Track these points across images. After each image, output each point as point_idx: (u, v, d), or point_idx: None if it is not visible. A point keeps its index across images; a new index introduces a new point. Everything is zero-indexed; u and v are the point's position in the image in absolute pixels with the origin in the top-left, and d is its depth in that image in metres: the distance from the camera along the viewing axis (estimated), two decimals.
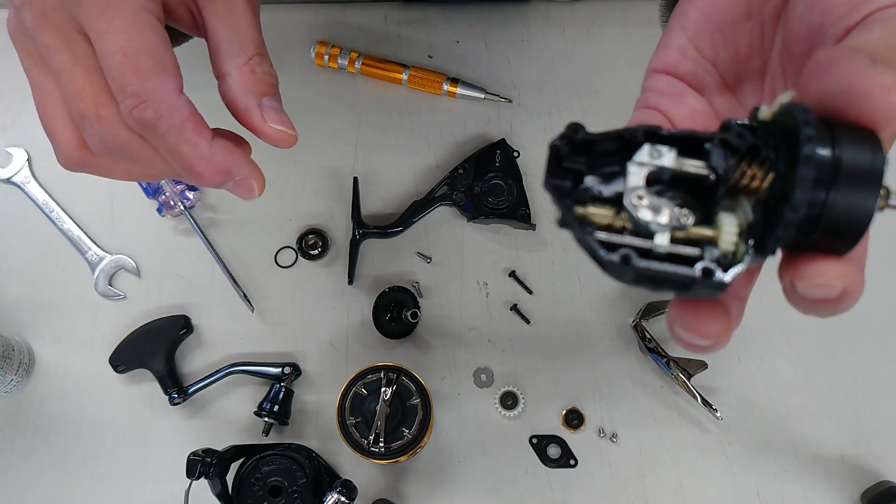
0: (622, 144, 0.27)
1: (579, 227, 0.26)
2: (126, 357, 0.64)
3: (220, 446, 0.59)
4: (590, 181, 0.28)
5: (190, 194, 0.67)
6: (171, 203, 0.67)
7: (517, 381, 0.65)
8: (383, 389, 0.59)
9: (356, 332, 0.67)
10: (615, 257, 0.25)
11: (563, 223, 0.26)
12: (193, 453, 0.57)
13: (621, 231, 0.26)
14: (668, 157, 0.27)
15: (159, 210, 0.67)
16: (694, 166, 0.27)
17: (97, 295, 0.67)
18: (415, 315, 0.65)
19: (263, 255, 0.68)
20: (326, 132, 0.71)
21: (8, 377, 0.62)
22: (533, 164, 0.70)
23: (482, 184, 0.67)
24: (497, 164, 0.68)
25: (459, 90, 0.71)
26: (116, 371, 0.64)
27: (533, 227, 0.67)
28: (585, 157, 0.28)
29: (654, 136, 0.27)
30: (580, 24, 0.75)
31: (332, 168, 0.70)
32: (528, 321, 0.66)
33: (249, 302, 0.66)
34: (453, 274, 0.68)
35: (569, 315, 0.67)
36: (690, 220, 0.26)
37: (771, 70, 0.36)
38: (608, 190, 0.28)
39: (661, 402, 0.64)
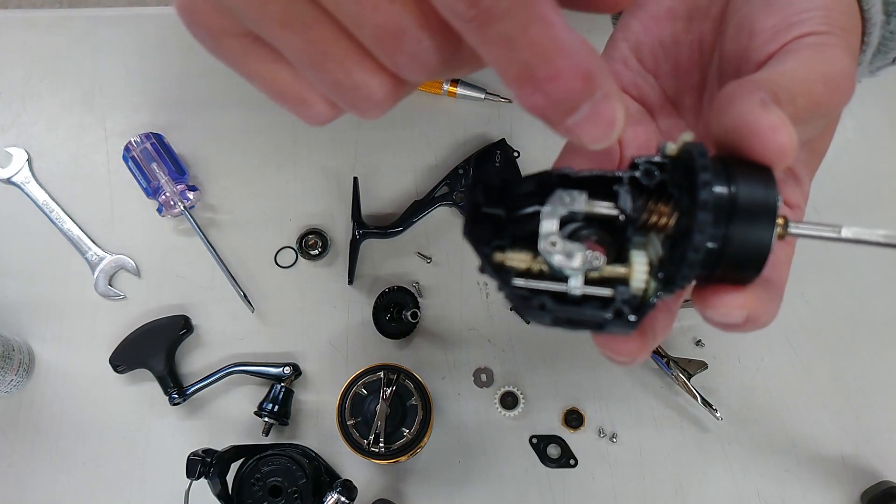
0: (540, 185, 0.28)
1: (498, 276, 0.27)
2: (126, 357, 0.64)
3: (220, 446, 0.59)
4: (510, 226, 0.29)
5: (190, 194, 0.67)
6: (171, 203, 0.67)
7: (517, 381, 0.65)
8: (383, 389, 0.59)
9: (356, 332, 0.67)
10: (534, 304, 0.26)
11: (482, 270, 0.27)
12: (193, 453, 0.57)
13: (539, 274, 0.27)
14: (579, 202, 0.28)
15: (159, 210, 0.67)
16: (605, 208, 0.28)
17: (97, 295, 0.67)
18: (415, 315, 0.65)
19: (263, 255, 0.68)
20: (326, 132, 0.71)
21: (8, 377, 0.62)
22: (533, 165, 0.70)
23: None
24: (497, 165, 0.68)
25: (459, 90, 0.71)
26: (116, 371, 0.64)
27: None
28: (505, 201, 0.28)
29: (567, 178, 0.28)
30: (580, 24, 0.75)
31: (332, 168, 0.70)
32: (528, 321, 0.66)
33: (249, 302, 0.66)
34: (453, 274, 0.68)
35: None
36: (602, 261, 0.27)
37: (709, 84, 0.37)
38: (527, 230, 0.28)
39: (661, 403, 0.64)
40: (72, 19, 0.76)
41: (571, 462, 0.63)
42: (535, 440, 0.63)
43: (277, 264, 0.68)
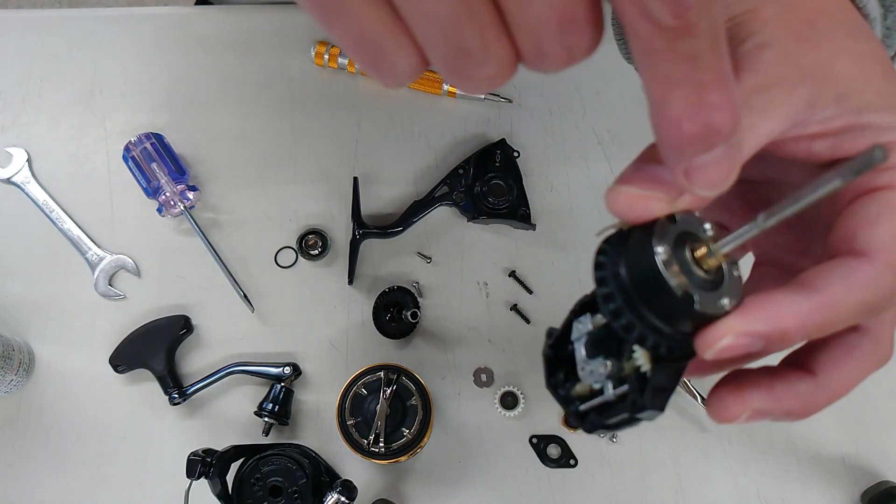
0: (585, 306, 0.31)
1: (579, 419, 0.31)
2: (126, 357, 0.64)
3: (220, 446, 0.59)
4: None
5: (190, 194, 0.67)
6: (171, 203, 0.67)
7: (517, 381, 0.65)
8: (383, 389, 0.59)
9: (356, 332, 0.67)
10: (598, 422, 0.30)
11: (567, 423, 0.33)
12: (193, 453, 0.57)
13: (590, 394, 0.31)
14: (587, 323, 0.30)
15: (159, 210, 0.67)
16: (600, 321, 0.30)
17: (97, 295, 0.67)
18: (415, 315, 0.65)
19: (263, 255, 0.68)
20: (326, 132, 0.71)
21: (8, 377, 0.62)
22: (533, 164, 0.70)
23: (482, 184, 0.67)
24: (497, 164, 0.68)
25: (459, 90, 0.71)
26: (116, 371, 0.64)
27: (533, 227, 0.67)
28: (560, 346, 0.32)
29: (583, 304, 0.31)
30: None
31: (332, 168, 0.70)
32: (528, 321, 0.66)
33: (249, 302, 0.66)
34: (453, 274, 0.68)
35: None
36: (608, 367, 0.29)
37: None
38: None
39: None
40: (72, 19, 0.76)
41: (571, 462, 0.63)
42: (535, 440, 0.63)
43: (277, 264, 0.68)
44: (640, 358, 0.28)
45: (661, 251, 0.25)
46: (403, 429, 0.60)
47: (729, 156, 0.22)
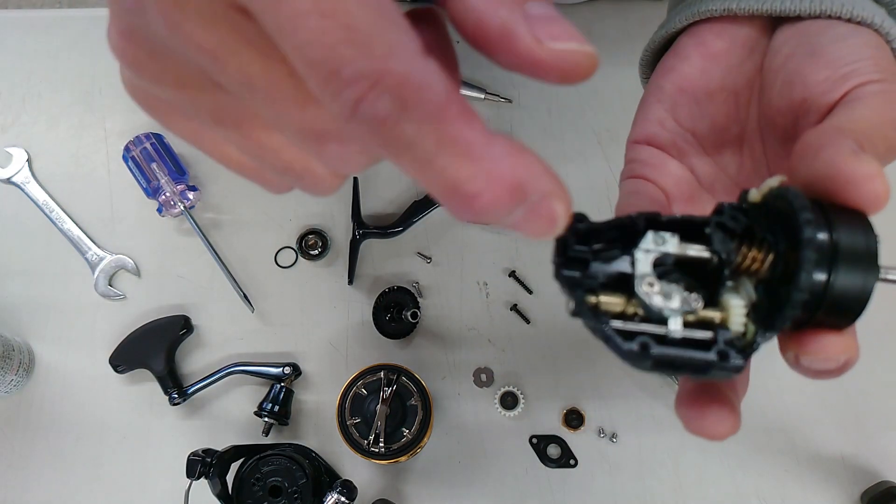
0: (623, 231, 0.28)
1: (594, 318, 0.27)
2: (126, 357, 0.64)
3: (219, 446, 0.59)
4: (595, 267, 0.29)
5: (190, 194, 0.67)
6: (171, 203, 0.67)
7: (517, 381, 0.65)
8: (383, 389, 0.59)
9: (356, 332, 0.67)
10: (634, 346, 0.26)
11: (577, 314, 0.27)
12: (193, 453, 0.57)
13: (633, 317, 0.27)
14: (671, 244, 0.27)
15: (159, 210, 0.67)
16: (697, 250, 0.28)
17: (97, 295, 0.67)
18: (415, 315, 0.65)
19: (263, 255, 0.68)
20: None
21: (8, 377, 0.62)
22: None
23: None
24: None
25: (460, 90, 0.70)
26: (116, 371, 0.64)
27: None
28: (589, 245, 0.28)
29: (655, 222, 0.28)
30: (580, 23, 0.74)
31: None
32: (528, 321, 0.66)
33: (249, 302, 0.66)
34: (453, 274, 0.68)
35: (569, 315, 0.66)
36: (700, 303, 0.27)
37: (748, 137, 0.38)
38: (613, 275, 0.28)
39: (660, 402, 0.64)
40: (72, 19, 0.76)
41: (571, 462, 0.63)
42: (535, 440, 0.63)
43: (277, 264, 0.68)
44: (739, 315, 0.26)
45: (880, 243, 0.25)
46: (403, 429, 0.60)
47: (533, 210, 0.21)
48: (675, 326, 0.26)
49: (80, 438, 0.64)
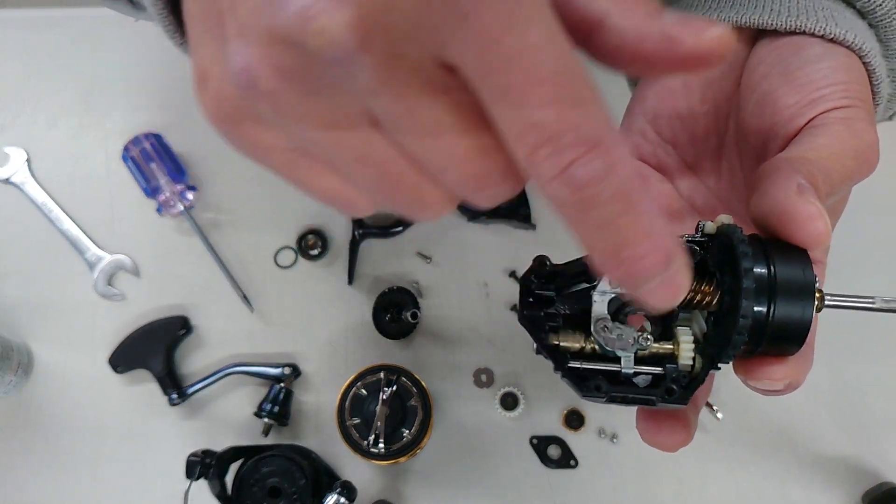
0: (584, 267, 0.31)
1: (554, 359, 0.29)
2: (125, 357, 0.64)
3: (219, 447, 0.59)
4: (559, 305, 0.31)
5: (189, 194, 0.67)
6: (171, 203, 0.66)
7: (517, 382, 0.65)
8: (383, 390, 0.59)
9: (356, 332, 0.66)
10: (589, 386, 0.29)
11: (538, 353, 0.30)
12: (193, 454, 0.56)
13: (591, 354, 0.30)
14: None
15: (159, 210, 0.67)
16: None
17: (96, 295, 0.67)
18: (415, 315, 0.65)
19: (263, 255, 0.68)
20: None
21: (7, 377, 0.62)
22: None
23: None
24: None
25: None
26: (116, 371, 0.64)
27: (533, 227, 0.67)
28: (553, 282, 0.31)
29: None
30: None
31: None
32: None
33: (249, 302, 0.66)
34: (453, 274, 0.68)
35: None
36: (650, 342, 0.29)
37: (727, 150, 0.38)
38: (577, 308, 0.31)
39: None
40: (72, 19, 0.76)
41: (572, 463, 0.63)
42: (535, 441, 0.63)
43: (277, 264, 0.68)
44: (687, 349, 0.28)
45: (817, 279, 0.28)
46: (403, 429, 0.59)
47: (669, 280, 0.23)
48: (628, 365, 0.29)
49: (78, 439, 0.64)
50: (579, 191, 0.21)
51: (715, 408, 0.62)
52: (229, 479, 0.59)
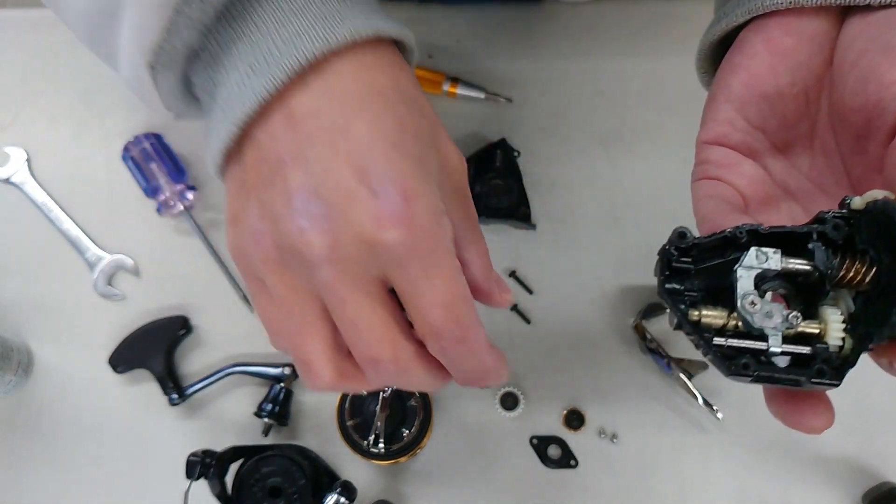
0: (724, 242, 0.30)
1: (697, 333, 0.29)
2: (125, 357, 0.64)
3: (219, 447, 0.59)
4: (696, 280, 0.30)
5: (189, 194, 0.67)
6: (171, 203, 0.66)
7: (517, 382, 0.65)
8: (383, 390, 0.59)
9: None
10: (737, 364, 0.28)
11: (679, 328, 0.29)
12: (193, 454, 0.56)
13: (734, 331, 0.29)
14: (773, 261, 0.29)
15: (159, 210, 0.67)
16: (799, 265, 0.29)
17: (96, 295, 0.67)
18: None
19: None
20: None
21: (7, 377, 0.62)
22: (533, 164, 0.69)
23: (482, 184, 0.67)
24: (497, 165, 0.68)
25: (459, 90, 0.70)
26: (116, 371, 0.64)
27: (533, 227, 0.67)
28: (690, 255, 0.30)
29: (756, 234, 0.29)
30: (583, 23, 0.74)
31: None
32: (528, 321, 0.66)
33: (249, 302, 0.66)
34: None
35: (569, 315, 0.66)
36: (799, 320, 0.28)
37: (820, 132, 0.38)
38: (714, 287, 0.30)
39: (661, 403, 0.64)
40: None
41: (572, 463, 0.63)
42: (535, 441, 0.63)
43: None
44: (837, 329, 0.28)
45: None
46: (403, 429, 0.59)
47: (498, 376, 0.37)
48: (776, 344, 0.28)
49: (78, 439, 0.64)
50: (449, 359, 0.35)
51: (715, 408, 0.62)
52: (229, 479, 0.59)
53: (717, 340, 0.28)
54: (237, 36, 0.33)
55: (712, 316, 0.29)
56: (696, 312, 0.29)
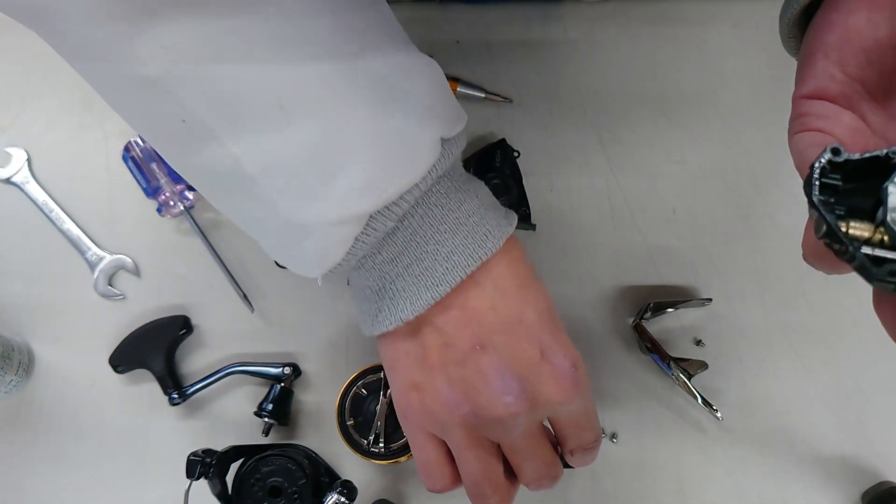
0: (872, 163, 0.32)
1: (846, 242, 0.31)
2: (126, 357, 0.64)
3: (219, 447, 0.59)
4: (843, 197, 0.32)
5: (190, 194, 0.67)
6: (171, 203, 0.67)
7: None
8: (383, 390, 0.59)
9: (356, 332, 0.66)
10: (884, 271, 0.30)
11: (828, 235, 0.31)
12: (193, 454, 0.56)
13: (880, 244, 0.31)
14: None
15: (159, 210, 0.67)
16: None
17: (97, 295, 0.67)
18: None
19: (263, 254, 0.68)
20: None
21: (7, 377, 0.62)
22: (533, 164, 0.69)
23: None
24: (497, 164, 0.68)
25: (459, 90, 0.70)
26: (116, 371, 0.64)
27: (533, 227, 0.67)
28: (840, 172, 0.32)
29: None
30: (582, 23, 0.75)
31: None
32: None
33: (249, 302, 0.66)
34: None
35: (568, 315, 0.66)
36: None
37: None
38: (858, 205, 0.32)
39: (661, 403, 0.64)
40: None
41: None
42: None
43: (277, 264, 0.68)
44: None
45: None
46: None
47: (594, 454, 0.51)
48: None
49: (79, 439, 0.64)
50: (581, 461, 0.50)
51: (715, 408, 0.62)
52: (230, 478, 0.59)
53: (865, 250, 0.30)
54: (417, 257, 0.44)
55: (860, 228, 0.31)
56: (844, 224, 0.31)
